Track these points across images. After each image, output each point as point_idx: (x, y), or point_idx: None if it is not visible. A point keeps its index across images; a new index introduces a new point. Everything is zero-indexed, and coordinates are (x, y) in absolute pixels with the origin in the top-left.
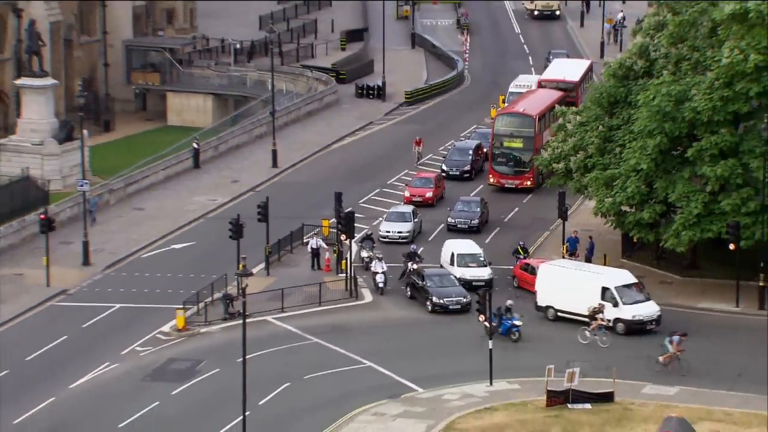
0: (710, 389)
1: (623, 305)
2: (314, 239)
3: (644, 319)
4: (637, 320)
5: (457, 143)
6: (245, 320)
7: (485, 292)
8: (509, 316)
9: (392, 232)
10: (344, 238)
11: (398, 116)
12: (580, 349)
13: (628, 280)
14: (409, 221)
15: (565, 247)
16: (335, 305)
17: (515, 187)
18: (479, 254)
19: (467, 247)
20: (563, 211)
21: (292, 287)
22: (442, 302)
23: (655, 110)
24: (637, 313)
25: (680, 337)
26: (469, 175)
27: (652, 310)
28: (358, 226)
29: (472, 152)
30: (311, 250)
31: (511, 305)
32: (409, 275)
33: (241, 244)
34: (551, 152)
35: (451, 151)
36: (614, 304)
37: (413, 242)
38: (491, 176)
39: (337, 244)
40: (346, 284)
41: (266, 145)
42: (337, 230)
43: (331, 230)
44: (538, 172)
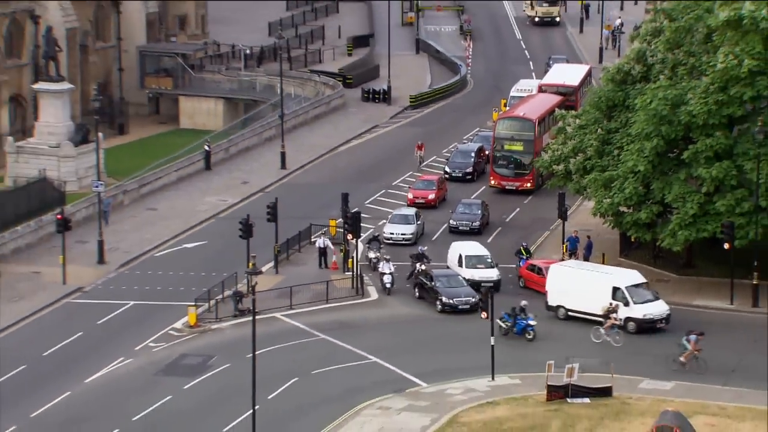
0: (705, 384)
1: (634, 304)
2: (321, 239)
3: (655, 317)
4: (647, 319)
5: (459, 146)
6: (255, 317)
7: (487, 290)
8: (524, 316)
9: (396, 233)
10: (351, 237)
11: (403, 119)
12: (589, 347)
13: (638, 279)
14: (412, 223)
15: (565, 246)
16: (342, 303)
17: (515, 188)
18: (486, 256)
19: (474, 249)
20: (563, 211)
21: (300, 285)
22: (451, 302)
23: (652, 114)
24: (647, 312)
25: (697, 336)
26: (471, 176)
27: (661, 309)
28: (364, 225)
29: (474, 154)
30: (319, 249)
31: (525, 305)
32: (417, 276)
33: (250, 243)
34: (551, 154)
35: (453, 153)
36: (625, 303)
37: (416, 243)
38: (492, 178)
39: (343, 243)
40: (352, 282)
41: (275, 147)
42: (343, 230)
43: (338, 230)
44: (537, 174)
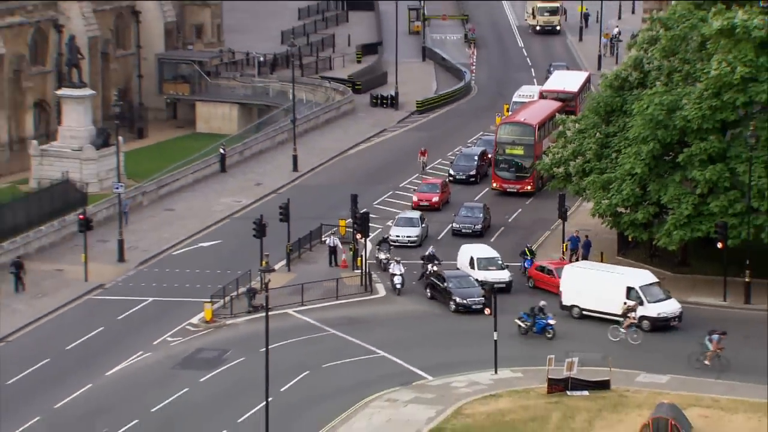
0: (699, 377)
1: (648, 303)
2: (332, 238)
3: (668, 316)
4: (662, 317)
5: (463, 149)
6: (268, 313)
7: (490, 287)
8: (543, 315)
9: (402, 236)
10: (359, 236)
11: (410, 124)
12: (605, 344)
13: (650, 279)
14: (417, 226)
15: (565, 245)
16: (351, 299)
17: (516, 191)
18: (497, 258)
19: (485, 251)
20: (563, 212)
21: (311, 282)
22: (465, 302)
23: (648, 118)
24: (661, 310)
25: (719, 335)
26: (474, 179)
27: (674, 307)
28: (372, 225)
29: (477, 158)
30: (329, 248)
31: (544, 305)
32: (428, 277)
33: (264, 242)
34: (552, 157)
35: (458, 156)
36: (639, 303)
37: (421, 245)
38: (494, 181)
39: (353, 242)
40: (361, 280)
41: (287, 150)
42: (353, 229)
43: (347, 229)
44: (537, 177)
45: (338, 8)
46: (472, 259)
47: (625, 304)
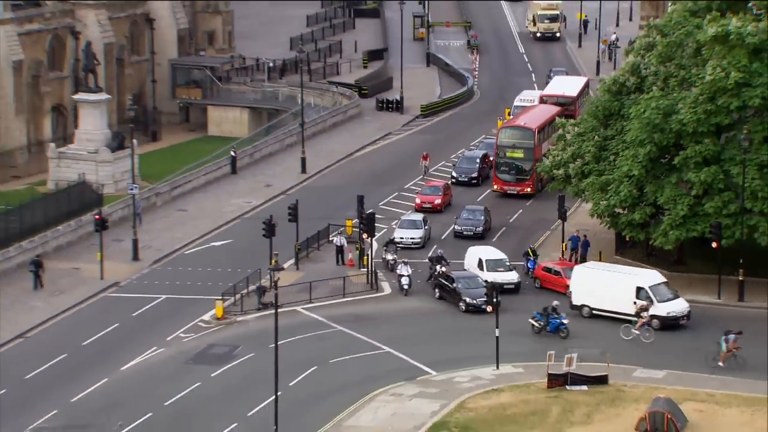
0: (694, 373)
1: (658, 303)
2: (339, 238)
3: (677, 315)
4: (671, 316)
5: (466, 152)
6: (277, 310)
7: (491, 286)
8: (556, 315)
9: (406, 238)
10: (366, 236)
11: (414, 127)
12: (617, 343)
13: (659, 279)
14: (420, 228)
15: (565, 245)
16: (358, 297)
17: (517, 193)
18: (505, 259)
19: (492, 253)
20: (563, 212)
21: (318, 281)
22: (475, 302)
23: (645, 122)
24: (671, 309)
25: (736, 335)
26: (476, 181)
27: (683, 306)
28: (378, 225)
29: (479, 160)
30: (336, 247)
31: (557, 305)
32: (436, 277)
33: (273, 241)
34: (552, 160)
35: (460, 159)
36: (650, 302)
37: (424, 246)
38: (495, 183)
39: (359, 242)
40: (367, 278)
41: (296, 153)
42: (359, 229)
43: (354, 229)
44: (537, 179)
45: (345, 15)
46: (480, 260)
47: (635, 303)
